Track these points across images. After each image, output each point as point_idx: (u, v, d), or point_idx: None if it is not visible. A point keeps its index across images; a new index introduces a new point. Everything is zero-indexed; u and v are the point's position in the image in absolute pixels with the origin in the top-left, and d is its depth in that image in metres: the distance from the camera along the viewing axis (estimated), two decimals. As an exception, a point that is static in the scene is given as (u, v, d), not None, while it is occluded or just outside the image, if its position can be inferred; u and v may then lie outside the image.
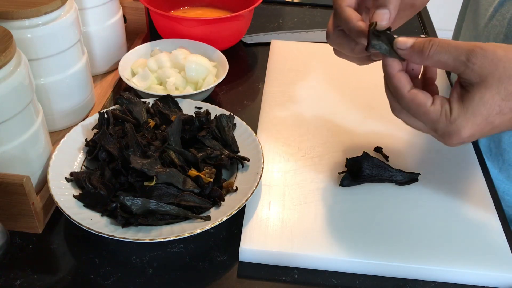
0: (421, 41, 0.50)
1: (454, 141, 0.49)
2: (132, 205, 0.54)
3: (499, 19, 0.67)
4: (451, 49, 0.48)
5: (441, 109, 0.48)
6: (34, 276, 0.54)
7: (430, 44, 0.49)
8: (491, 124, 0.47)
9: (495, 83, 0.46)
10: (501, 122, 0.47)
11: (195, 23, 0.86)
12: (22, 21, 0.60)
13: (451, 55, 0.48)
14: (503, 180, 0.73)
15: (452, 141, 0.49)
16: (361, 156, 0.63)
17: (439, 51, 0.48)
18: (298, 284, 0.55)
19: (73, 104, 0.70)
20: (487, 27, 0.69)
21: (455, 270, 0.54)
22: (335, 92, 0.80)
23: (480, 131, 0.48)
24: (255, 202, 0.60)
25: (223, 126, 0.65)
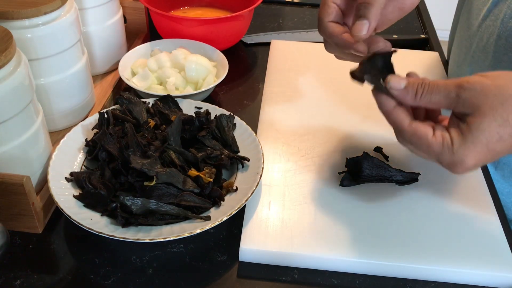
0: (413, 83, 0.51)
1: (459, 170, 0.49)
2: (132, 205, 0.54)
3: (492, 19, 0.67)
4: (440, 89, 0.50)
5: (443, 141, 0.49)
6: (34, 276, 0.54)
7: (422, 87, 0.50)
8: (492, 151, 0.48)
9: (489, 111, 0.47)
10: (502, 148, 0.48)
11: (195, 23, 0.86)
12: (22, 21, 0.60)
13: (441, 94, 0.49)
14: (498, 179, 0.73)
15: (458, 170, 0.50)
16: (361, 156, 0.63)
17: (430, 92, 0.50)
18: (298, 284, 0.55)
19: (73, 104, 0.70)
20: (480, 27, 0.70)
21: (455, 270, 0.54)
22: (335, 92, 0.80)
23: (483, 158, 0.48)
24: (255, 202, 0.60)
25: (223, 126, 0.65)
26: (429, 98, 0.50)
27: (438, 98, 0.50)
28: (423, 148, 0.50)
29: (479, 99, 0.48)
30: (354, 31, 0.55)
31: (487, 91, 0.48)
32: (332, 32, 0.58)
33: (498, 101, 0.47)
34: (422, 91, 0.50)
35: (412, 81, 0.51)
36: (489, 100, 0.47)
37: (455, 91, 0.49)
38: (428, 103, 0.50)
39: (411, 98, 0.51)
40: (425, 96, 0.50)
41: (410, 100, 0.51)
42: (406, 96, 0.51)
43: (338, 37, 0.57)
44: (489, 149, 0.48)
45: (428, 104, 0.51)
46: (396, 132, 0.53)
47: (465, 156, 0.48)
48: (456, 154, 0.48)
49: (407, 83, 0.51)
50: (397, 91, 0.51)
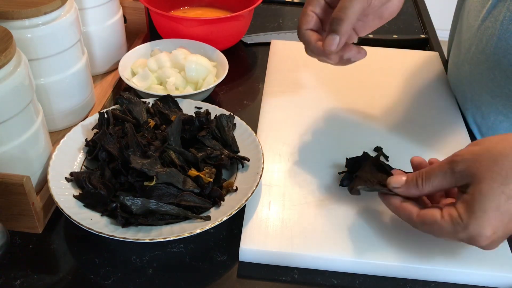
0: (412, 176, 0.53)
1: (483, 243, 0.49)
2: (132, 205, 0.54)
3: (492, 21, 0.67)
4: (436, 172, 0.51)
5: (452, 220, 0.49)
6: (34, 276, 0.54)
7: (420, 177, 0.52)
8: (507, 212, 0.47)
9: (486, 174, 0.47)
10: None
11: (195, 23, 0.86)
12: (22, 21, 0.60)
13: (439, 176, 0.51)
14: None
15: (482, 244, 0.49)
16: (361, 156, 0.63)
17: (428, 178, 0.52)
18: (298, 284, 0.55)
19: (73, 104, 0.70)
20: (480, 29, 0.70)
21: (455, 270, 0.54)
22: (335, 92, 0.80)
23: (500, 223, 0.47)
24: (255, 202, 0.60)
25: (223, 126, 0.65)
26: (430, 184, 0.52)
27: (438, 181, 0.51)
28: (438, 232, 0.51)
29: (473, 166, 0.48)
30: (325, 45, 0.58)
31: (478, 157, 0.49)
32: (308, 40, 0.61)
33: (491, 161, 0.48)
34: (422, 180, 0.52)
35: (410, 175, 0.53)
36: (482, 164, 0.48)
37: (449, 168, 0.50)
38: (432, 188, 0.52)
39: (415, 190, 0.53)
40: (426, 184, 0.52)
41: (415, 192, 0.53)
42: (410, 190, 0.53)
43: (313, 45, 0.60)
44: (502, 211, 0.47)
45: (432, 189, 0.52)
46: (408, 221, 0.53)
47: (479, 227, 0.47)
48: (469, 229, 0.48)
49: (406, 179, 0.54)
50: (401, 189, 0.54)
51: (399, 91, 0.81)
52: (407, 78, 0.84)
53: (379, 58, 0.88)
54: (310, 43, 0.60)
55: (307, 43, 0.61)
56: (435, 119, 0.75)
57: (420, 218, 0.51)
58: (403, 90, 0.81)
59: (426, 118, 0.75)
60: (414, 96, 0.80)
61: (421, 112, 0.77)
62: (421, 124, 0.74)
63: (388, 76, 0.84)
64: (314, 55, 0.62)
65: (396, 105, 0.78)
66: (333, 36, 0.57)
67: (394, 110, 0.77)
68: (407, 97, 0.80)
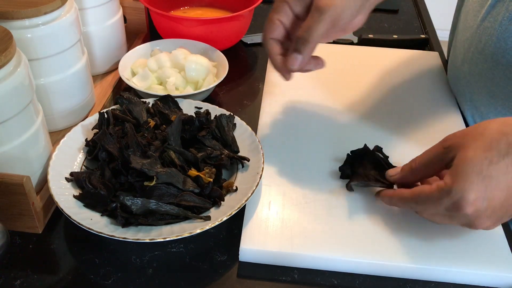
0: (406, 164, 0.57)
1: (467, 209, 0.49)
2: (132, 205, 0.54)
3: (491, 21, 0.67)
4: (428, 152, 0.55)
5: (438, 188, 0.50)
6: (34, 276, 0.54)
7: (414, 160, 0.56)
8: (489, 177, 0.48)
9: (471, 143, 0.50)
10: (499, 172, 0.48)
11: (195, 23, 0.86)
12: (22, 21, 0.60)
13: (431, 155, 0.54)
14: None
15: (466, 210, 0.49)
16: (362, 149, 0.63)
17: (421, 159, 0.55)
18: (298, 284, 0.55)
19: (73, 104, 0.70)
20: (478, 29, 0.70)
21: (455, 270, 0.54)
22: (335, 92, 0.80)
23: (483, 188, 0.48)
24: (255, 202, 0.60)
25: (223, 126, 0.65)
26: (423, 165, 0.55)
27: (430, 160, 0.54)
28: (426, 201, 0.52)
29: (460, 140, 0.51)
30: (288, 63, 0.59)
31: (466, 132, 0.52)
32: (270, 50, 0.62)
33: (477, 134, 0.50)
34: (415, 163, 0.56)
35: (405, 164, 0.57)
36: (469, 136, 0.51)
37: (441, 145, 0.53)
38: (425, 169, 0.55)
39: (411, 174, 0.56)
40: (420, 166, 0.55)
41: (410, 175, 0.56)
42: (405, 175, 0.57)
43: (273, 57, 0.62)
44: (484, 176, 0.48)
45: (426, 170, 0.55)
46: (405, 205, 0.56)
47: (462, 191, 0.48)
48: (452, 192, 0.49)
49: (402, 167, 0.58)
50: (397, 175, 0.58)
51: (399, 91, 0.81)
52: (407, 78, 0.84)
53: (379, 58, 0.88)
54: (271, 55, 0.62)
55: (269, 53, 0.62)
56: (435, 119, 0.75)
57: (411, 192, 0.54)
58: (403, 90, 0.81)
59: (426, 118, 0.75)
60: (414, 96, 0.80)
61: (420, 112, 0.77)
62: (421, 123, 0.74)
63: (388, 76, 0.84)
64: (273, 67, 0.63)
65: (396, 105, 0.78)
66: (297, 56, 0.59)
67: (394, 110, 0.77)
68: (407, 97, 0.80)
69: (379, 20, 1.06)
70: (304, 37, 0.58)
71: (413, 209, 0.55)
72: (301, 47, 0.58)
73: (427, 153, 0.55)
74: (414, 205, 0.54)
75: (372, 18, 1.07)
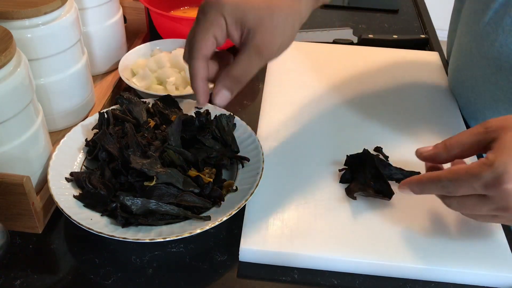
0: (441, 142, 0.54)
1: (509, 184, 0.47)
2: (132, 205, 0.54)
3: (493, 27, 0.67)
4: (466, 132, 0.53)
5: (479, 163, 0.48)
6: (34, 276, 0.54)
7: (450, 138, 0.53)
8: None
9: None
10: None
11: (195, 23, 0.86)
12: (22, 21, 0.60)
13: (469, 135, 0.52)
14: None
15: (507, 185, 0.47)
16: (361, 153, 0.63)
17: (458, 138, 0.53)
18: (298, 284, 0.55)
19: (73, 104, 0.70)
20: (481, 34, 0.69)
21: (455, 270, 0.54)
22: (335, 92, 0.80)
23: None
24: (255, 202, 0.60)
25: (223, 126, 0.65)
26: (460, 143, 0.52)
27: (468, 140, 0.52)
28: (463, 177, 0.49)
29: (504, 122, 0.50)
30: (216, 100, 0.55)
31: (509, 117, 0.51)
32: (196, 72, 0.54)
33: None
34: (451, 141, 0.53)
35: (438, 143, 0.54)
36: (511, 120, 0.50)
37: (481, 126, 0.51)
38: (460, 147, 0.52)
39: (444, 152, 0.53)
40: (455, 143, 0.53)
41: (444, 154, 0.54)
42: (438, 154, 0.54)
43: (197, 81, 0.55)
44: None
45: (461, 149, 0.52)
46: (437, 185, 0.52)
47: (506, 164, 0.47)
48: (495, 165, 0.47)
49: (434, 145, 0.54)
50: (429, 152, 0.55)
51: (399, 91, 0.81)
52: (407, 78, 0.84)
53: (379, 58, 0.88)
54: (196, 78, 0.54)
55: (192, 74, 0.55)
56: (435, 119, 0.75)
57: (447, 170, 0.51)
58: (403, 90, 0.81)
59: (426, 118, 0.76)
60: (414, 96, 0.80)
61: (420, 112, 0.77)
62: (421, 123, 0.74)
63: (388, 76, 0.84)
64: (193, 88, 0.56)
65: (396, 105, 0.78)
66: (227, 95, 0.55)
67: (394, 110, 0.77)
68: (407, 97, 0.80)
69: (379, 20, 1.06)
70: (239, 78, 0.54)
71: (445, 191, 0.51)
72: (234, 87, 0.54)
73: (465, 133, 0.53)
74: (448, 183, 0.50)
75: (372, 18, 1.07)
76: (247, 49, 0.53)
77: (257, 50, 0.53)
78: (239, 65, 0.53)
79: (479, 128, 0.52)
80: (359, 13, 1.08)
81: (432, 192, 0.53)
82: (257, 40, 0.52)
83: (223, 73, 0.54)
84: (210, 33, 0.52)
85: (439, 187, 0.52)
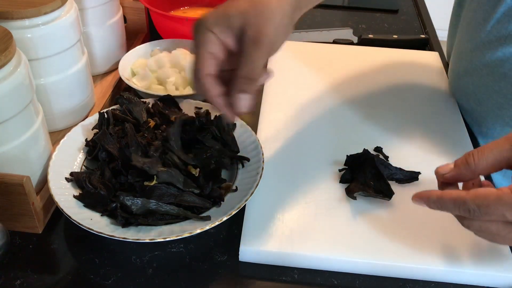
0: (461, 159, 0.50)
1: None
2: (132, 205, 0.54)
3: (496, 35, 0.67)
4: (492, 148, 0.49)
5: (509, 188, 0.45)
6: (34, 276, 0.54)
7: (471, 155, 0.49)
8: None
9: None
10: None
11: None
12: (22, 21, 0.60)
13: (495, 150, 0.48)
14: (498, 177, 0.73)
15: None
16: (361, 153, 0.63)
17: (482, 154, 0.49)
18: (298, 284, 0.55)
19: (73, 104, 0.70)
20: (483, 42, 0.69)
21: (455, 270, 0.54)
22: (335, 92, 0.80)
23: None
24: (255, 202, 0.60)
25: (223, 126, 0.65)
26: (484, 159, 0.49)
27: (494, 156, 0.49)
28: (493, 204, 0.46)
29: None
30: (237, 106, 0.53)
31: None
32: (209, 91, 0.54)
33: None
34: (474, 157, 0.49)
35: (458, 159, 0.51)
36: None
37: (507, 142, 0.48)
38: (486, 164, 0.49)
39: (467, 170, 0.50)
40: (480, 160, 0.49)
41: (467, 172, 0.50)
42: (462, 171, 0.50)
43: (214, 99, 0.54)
44: None
45: (486, 165, 0.49)
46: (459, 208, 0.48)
47: None
48: None
49: (455, 162, 0.51)
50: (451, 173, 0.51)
51: (399, 91, 0.81)
52: (407, 78, 0.84)
53: (379, 58, 0.88)
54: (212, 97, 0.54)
55: (207, 95, 0.54)
56: (435, 119, 0.75)
57: (475, 195, 0.46)
58: (403, 90, 0.81)
59: (426, 118, 0.75)
60: (414, 96, 0.80)
61: (420, 112, 0.77)
62: (421, 123, 0.74)
63: (388, 76, 0.84)
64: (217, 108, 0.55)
65: (395, 105, 0.78)
66: (245, 97, 0.53)
67: (394, 110, 0.77)
68: (407, 97, 0.80)
69: (379, 20, 1.06)
70: (248, 76, 0.52)
71: (467, 214, 0.47)
72: (248, 87, 0.53)
73: (490, 149, 0.49)
74: (474, 208, 0.46)
75: (372, 18, 1.07)
76: (244, 46, 0.52)
77: (253, 41, 0.52)
78: (243, 64, 0.53)
79: (505, 144, 0.48)
80: (359, 13, 1.08)
81: (452, 212, 0.50)
82: (250, 33, 0.52)
83: (232, 79, 0.53)
84: (205, 51, 0.52)
85: (461, 210, 0.48)
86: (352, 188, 0.61)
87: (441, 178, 0.52)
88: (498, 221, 0.47)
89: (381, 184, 0.61)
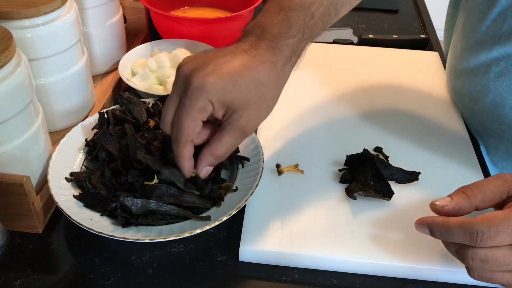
0: (458, 191, 0.51)
1: None
2: (132, 205, 0.54)
3: (491, 36, 0.67)
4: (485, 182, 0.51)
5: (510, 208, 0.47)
6: (34, 276, 0.54)
7: (467, 188, 0.51)
8: None
9: None
10: None
11: (195, 23, 0.86)
12: (22, 21, 0.60)
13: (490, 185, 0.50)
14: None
15: None
16: (361, 153, 0.63)
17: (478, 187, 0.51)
18: (298, 284, 0.55)
19: (73, 104, 0.70)
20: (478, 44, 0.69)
21: (455, 270, 0.54)
22: (335, 92, 0.80)
23: None
24: (255, 202, 0.60)
25: (223, 126, 0.65)
26: (482, 194, 0.50)
27: (490, 191, 0.50)
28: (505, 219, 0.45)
29: None
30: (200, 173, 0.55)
31: None
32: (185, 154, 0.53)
33: None
34: (470, 190, 0.50)
35: (455, 191, 0.51)
36: None
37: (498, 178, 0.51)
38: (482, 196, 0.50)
39: (465, 202, 0.50)
40: (477, 193, 0.50)
41: (465, 204, 0.50)
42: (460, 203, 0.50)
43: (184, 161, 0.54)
44: None
45: (483, 199, 0.50)
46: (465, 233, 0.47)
47: None
48: None
49: (451, 195, 0.51)
50: (449, 205, 0.51)
51: (399, 91, 0.81)
52: (407, 78, 0.84)
53: (379, 58, 0.88)
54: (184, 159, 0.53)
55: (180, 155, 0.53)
56: (435, 119, 0.75)
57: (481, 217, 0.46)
58: (403, 90, 0.81)
59: (426, 118, 0.76)
60: (414, 96, 0.80)
61: (420, 112, 0.77)
62: (421, 123, 0.74)
63: (388, 76, 0.84)
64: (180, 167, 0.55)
65: (395, 105, 0.78)
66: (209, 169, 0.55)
67: (394, 110, 0.77)
68: (407, 97, 0.80)
69: (379, 20, 1.06)
70: (224, 156, 0.55)
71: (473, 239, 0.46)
72: (215, 162, 0.55)
73: (486, 184, 0.51)
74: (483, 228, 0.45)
75: (372, 18, 1.07)
76: (232, 130, 0.52)
77: (243, 131, 0.53)
78: (224, 145, 0.53)
79: (499, 181, 0.50)
80: (359, 13, 1.08)
81: (456, 239, 0.48)
82: (243, 122, 0.52)
83: (206, 151, 0.54)
84: (198, 119, 0.51)
85: (468, 234, 0.46)
86: (352, 188, 0.61)
87: (441, 212, 0.51)
88: (505, 246, 0.46)
89: (381, 184, 0.61)
